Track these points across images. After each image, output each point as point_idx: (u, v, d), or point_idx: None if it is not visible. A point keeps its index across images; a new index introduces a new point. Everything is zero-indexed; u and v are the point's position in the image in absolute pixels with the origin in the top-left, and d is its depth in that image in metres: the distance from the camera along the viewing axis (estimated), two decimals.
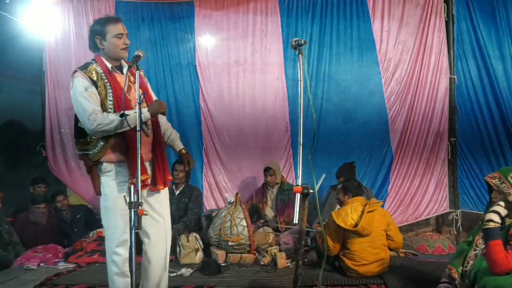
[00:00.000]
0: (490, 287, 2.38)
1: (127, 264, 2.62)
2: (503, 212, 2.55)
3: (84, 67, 2.63)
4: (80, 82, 2.56)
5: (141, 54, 2.49)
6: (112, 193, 2.64)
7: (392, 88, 5.09)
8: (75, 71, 2.63)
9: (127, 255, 2.60)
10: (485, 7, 4.85)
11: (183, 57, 5.39)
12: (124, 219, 2.57)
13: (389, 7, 5.05)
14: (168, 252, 2.88)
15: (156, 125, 2.81)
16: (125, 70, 2.63)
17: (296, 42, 2.31)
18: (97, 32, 2.63)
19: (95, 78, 2.58)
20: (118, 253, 2.64)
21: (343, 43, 5.16)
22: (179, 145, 2.95)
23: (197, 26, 5.33)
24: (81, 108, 2.55)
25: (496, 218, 2.51)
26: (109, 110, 2.59)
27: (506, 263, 2.37)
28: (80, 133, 2.68)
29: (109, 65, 2.66)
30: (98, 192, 2.71)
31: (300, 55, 2.32)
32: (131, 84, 2.69)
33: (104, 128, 2.53)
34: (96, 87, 2.58)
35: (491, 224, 2.50)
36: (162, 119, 2.94)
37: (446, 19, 5.01)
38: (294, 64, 5.14)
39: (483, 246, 2.71)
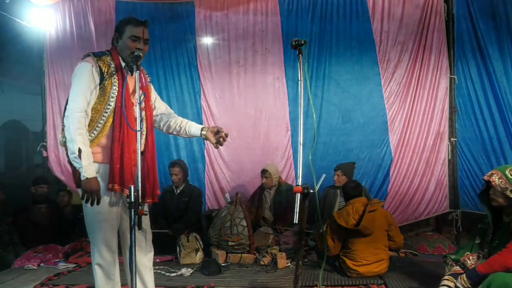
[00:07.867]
0: (497, 284, 2.40)
1: (113, 268, 2.62)
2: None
3: (98, 55, 2.51)
4: (89, 71, 2.43)
5: (141, 54, 2.46)
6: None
7: (391, 88, 5.10)
8: (88, 55, 2.52)
9: (112, 259, 2.61)
10: (485, 7, 4.84)
11: (184, 57, 5.39)
12: (109, 223, 2.56)
13: (388, 7, 5.05)
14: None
15: (150, 132, 2.64)
16: (136, 72, 2.49)
17: (296, 42, 2.31)
18: (117, 28, 2.57)
19: (104, 70, 2.46)
20: (103, 257, 2.59)
21: (343, 43, 5.16)
22: (198, 126, 2.73)
23: (197, 27, 5.33)
24: (74, 95, 2.40)
25: None
26: (108, 106, 2.48)
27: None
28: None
29: (123, 63, 2.55)
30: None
31: (300, 55, 2.32)
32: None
33: (68, 134, 2.36)
34: (102, 79, 2.46)
35: None
36: (168, 110, 2.83)
37: (446, 19, 5.00)
38: (294, 64, 5.14)
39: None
